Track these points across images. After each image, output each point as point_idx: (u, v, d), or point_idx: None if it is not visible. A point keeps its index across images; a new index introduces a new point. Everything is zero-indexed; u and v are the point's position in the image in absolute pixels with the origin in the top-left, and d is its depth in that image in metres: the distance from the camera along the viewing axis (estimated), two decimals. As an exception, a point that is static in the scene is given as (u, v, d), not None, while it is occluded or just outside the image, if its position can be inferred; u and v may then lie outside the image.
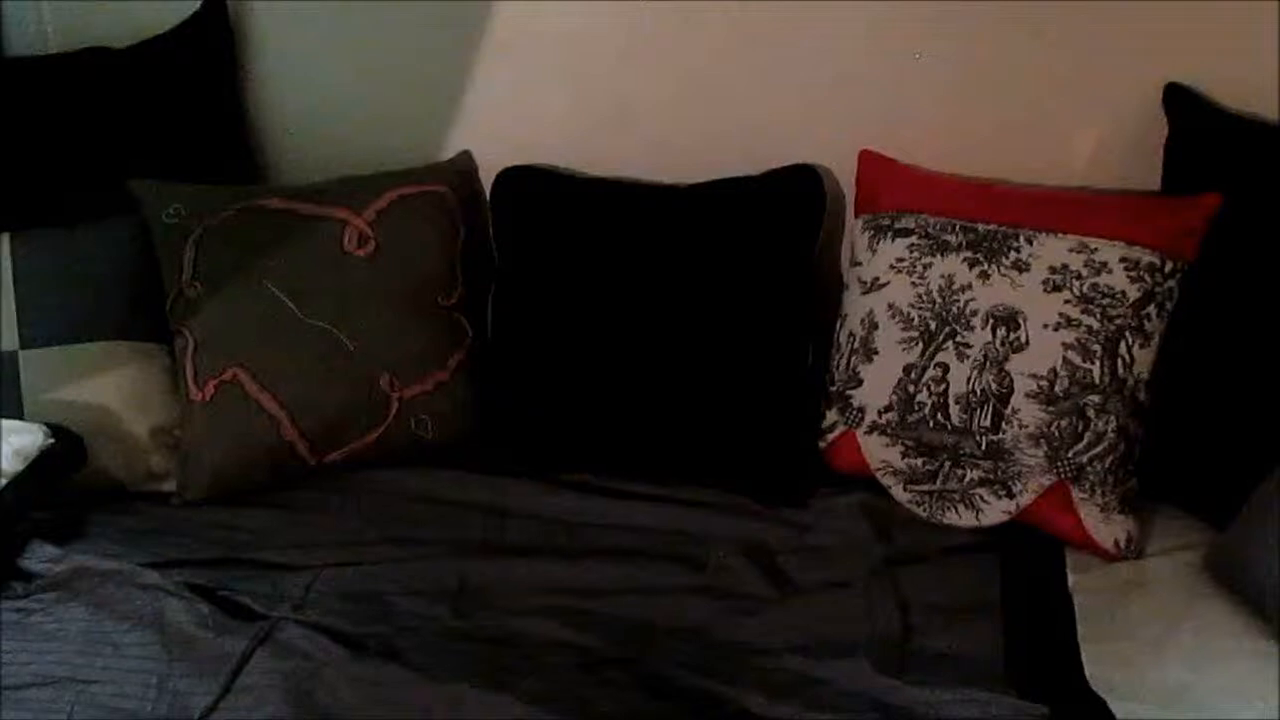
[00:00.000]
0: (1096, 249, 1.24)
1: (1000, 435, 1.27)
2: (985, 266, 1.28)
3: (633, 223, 1.46)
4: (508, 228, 1.52)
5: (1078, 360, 1.23)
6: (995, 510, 1.29)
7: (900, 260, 1.34)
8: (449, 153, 1.60)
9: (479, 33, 1.53)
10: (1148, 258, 1.23)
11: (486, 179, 1.55)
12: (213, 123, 1.59)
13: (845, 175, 1.48)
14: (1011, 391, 1.25)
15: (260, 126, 1.65)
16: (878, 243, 1.37)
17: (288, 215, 1.43)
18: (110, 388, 1.38)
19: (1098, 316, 1.22)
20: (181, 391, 1.39)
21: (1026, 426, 1.25)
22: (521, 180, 1.51)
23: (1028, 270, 1.26)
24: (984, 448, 1.28)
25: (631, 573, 1.26)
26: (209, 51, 1.58)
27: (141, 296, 1.42)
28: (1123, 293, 1.23)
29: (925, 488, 1.32)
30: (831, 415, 1.41)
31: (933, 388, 1.30)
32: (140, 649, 1.12)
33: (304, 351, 1.39)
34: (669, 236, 1.44)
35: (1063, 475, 1.25)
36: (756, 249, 1.42)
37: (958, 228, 1.32)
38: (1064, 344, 1.23)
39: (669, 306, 1.42)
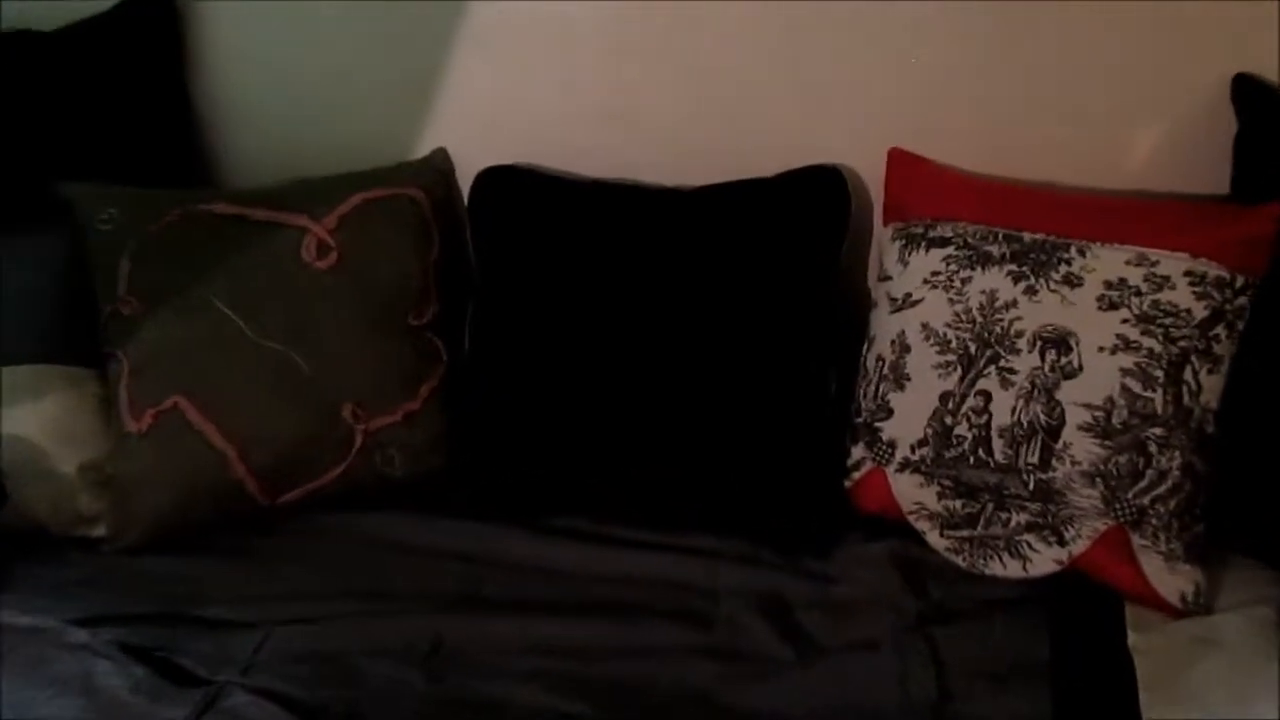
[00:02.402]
0: (1158, 262, 1.25)
1: (1050, 474, 1.27)
2: (1032, 281, 1.29)
3: (631, 230, 1.47)
4: (488, 236, 1.53)
5: (1137, 388, 1.24)
6: (1044, 559, 1.29)
7: (936, 274, 1.35)
8: (422, 151, 1.61)
9: (457, 16, 1.54)
10: (1215, 271, 1.24)
11: (464, 181, 1.55)
12: (154, 117, 1.60)
13: (872, 178, 1.48)
14: (1062, 424, 1.26)
15: (209, 121, 1.65)
16: (910, 254, 1.38)
17: (238, 222, 1.44)
18: (33, 418, 1.38)
19: (1160, 338, 1.23)
20: (115, 423, 1.39)
21: (1080, 464, 1.26)
22: (505, 181, 1.52)
23: (1080, 285, 1.27)
24: (1031, 488, 1.29)
25: (629, 631, 1.26)
26: (150, 35, 1.59)
27: (70, 314, 1.43)
28: (1188, 311, 1.23)
29: (965, 533, 1.33)
30: (858, 451, 1.41)
31: (973, 419, 1.31)
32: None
33: (256, 377, 1.39)
34: (672, 246, 1.45)
35: (1121, 519, 1.26)
36: (772, 261, 1.43)
37: (1001, 237, 1.33)
38: (1122, 369, 1.24)
39: (672, 327, 1.42)
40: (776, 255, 1.43)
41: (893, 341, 1.37)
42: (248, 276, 1.41)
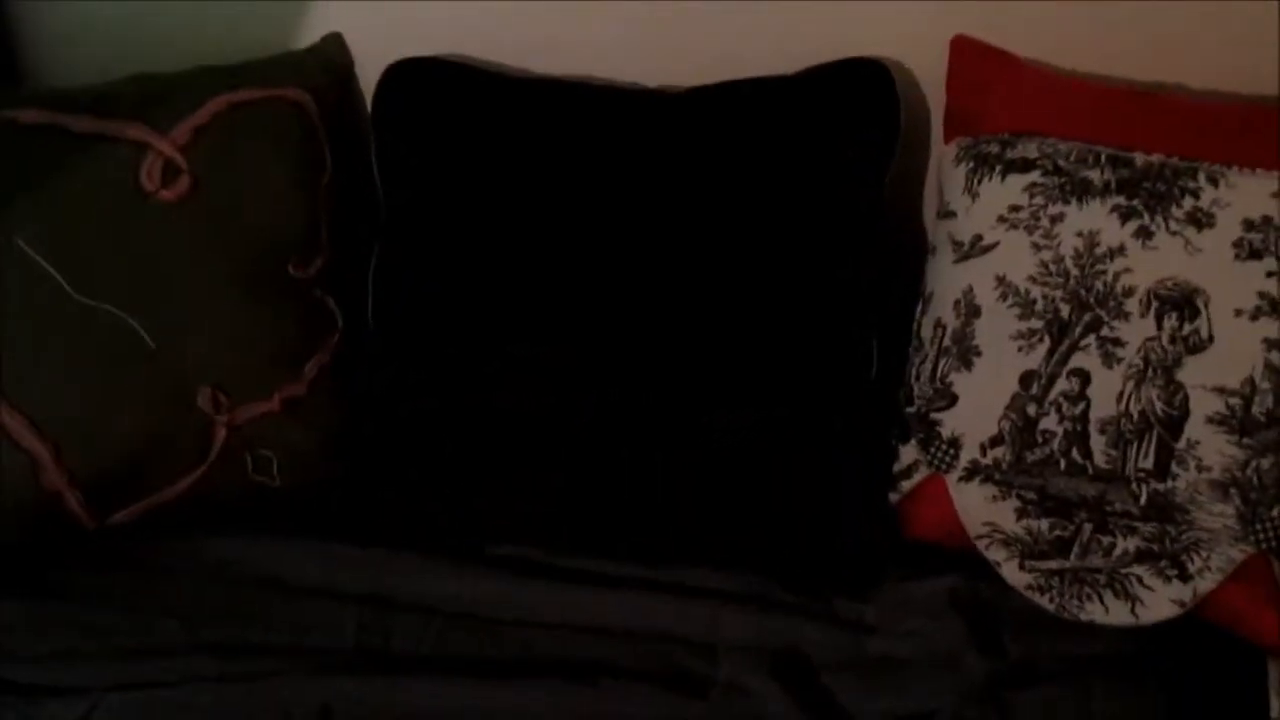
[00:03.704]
0: None
1: (1169, 483, 1.28)
2: (1146, 220, 1.29)
3: (597, 146, 1.47)
4: (400, 155, 1.52)
5: None
6: (1161, 600, 1.29)
7: (1016, 210, 1.34)
8: (309, 37, 1.61)
9: None
10: (1398, 207, 1.24)
11: (367, 79, 1.56)
12: None
13: (929, 78, 1.49)
14: (1186, 415, 1.27)
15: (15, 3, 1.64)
16: (980, 181, 1.37)
17: (52, 134, 1.43)
18: None
19: None
20: (-120, 414, 1.37)
21: (1209, 469, 1.26)
22: (422, 80, 1.51)
23: (1211, 226, 1.26)
24: (1144, 502, 1.29)
25: (593, 701, 1.26)
26: None
27: None
28: None
29: (1053, 565, 1.33)
30: (908, 452, 1.42)
31: (1065, 409, 1.31)
32: None
33: (78, 351, 1.39)
34: (655, 169, 1.44)
35: (1264, 545, 1.26)
36: (792, 189, 1.42)
37: (1104, 159, 1.33)
38: (1266, 340, 1.24)
39: (656, 281, 1.43)
40: (798, 181, 1.43)
41: (957, 302, 1.38)
42: (66, 212, 1.41)
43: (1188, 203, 1.27)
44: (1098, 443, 1.29)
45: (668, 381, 1.43)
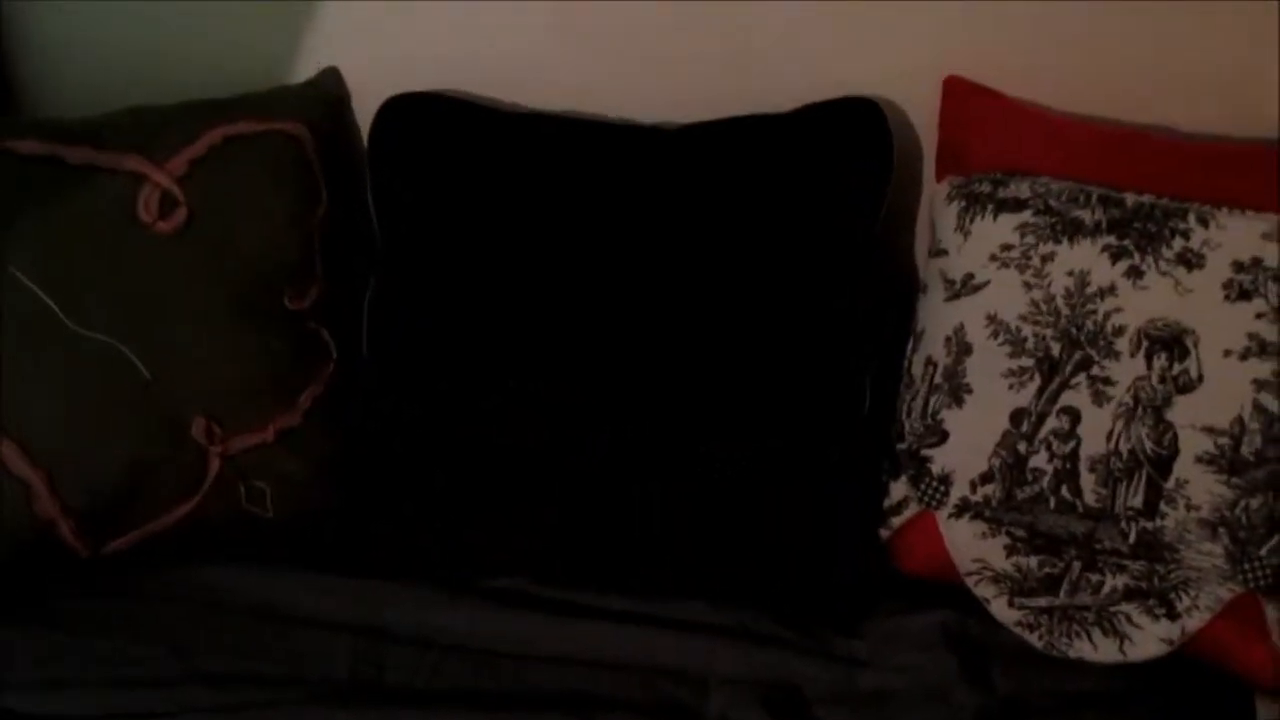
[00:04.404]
0: None
1: (1158, 522, 1.28)
2: (1136, 260, 1.29)
3: (591, 182, 1.47)
4: (395, 188, 1.51)
5: (1275, 407, 1.24)
6: (1149, 637, 1.29)
7: (1007, 248, 1.35)
8: (306, 72, 1.61)
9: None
10: (1384, 250, 1.24)
11: (363, 114, 1.56)
12: None
13: (922, 117, 1.50)
14: (1175, 454, 1.27)
15: (10, 26, 1.64)
16: (972, 220, 1.38)
17: (49, 165, 1.43)
18: None
19: None
20: (-125, 442, 1.37)
21: (1198, 508, 1.27)
22: (418, 115, 1.51)
23: (1201, 267, 1.27)
24: (1133, 540, 1.30)
25: None
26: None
27: None
28: None
29: (1042, 602, 1.33)
30: (899, 488, 1.42)
31: (1055, 446, 1.31)
32: None
33: (73, 380, 1.39)
34: (649, 205, 1.44)
35: (1252, 584, 1.26)
36: (784, 227, 1.43)
37: (1095, 199, 1.33)
38: (1255, 381, 1.25)
39: (648, 318, 1.43)
40: (793, 216, 1.43)
41: (948, 339, 1.38)
42: (63, 242, 1.41)
43: (1178, 243, 1.28)
44: (1087, 481, 1.30)
45: (661, 413, 1.42)
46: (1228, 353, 1.25)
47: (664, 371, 1.43)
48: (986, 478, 1.35)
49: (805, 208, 1.43)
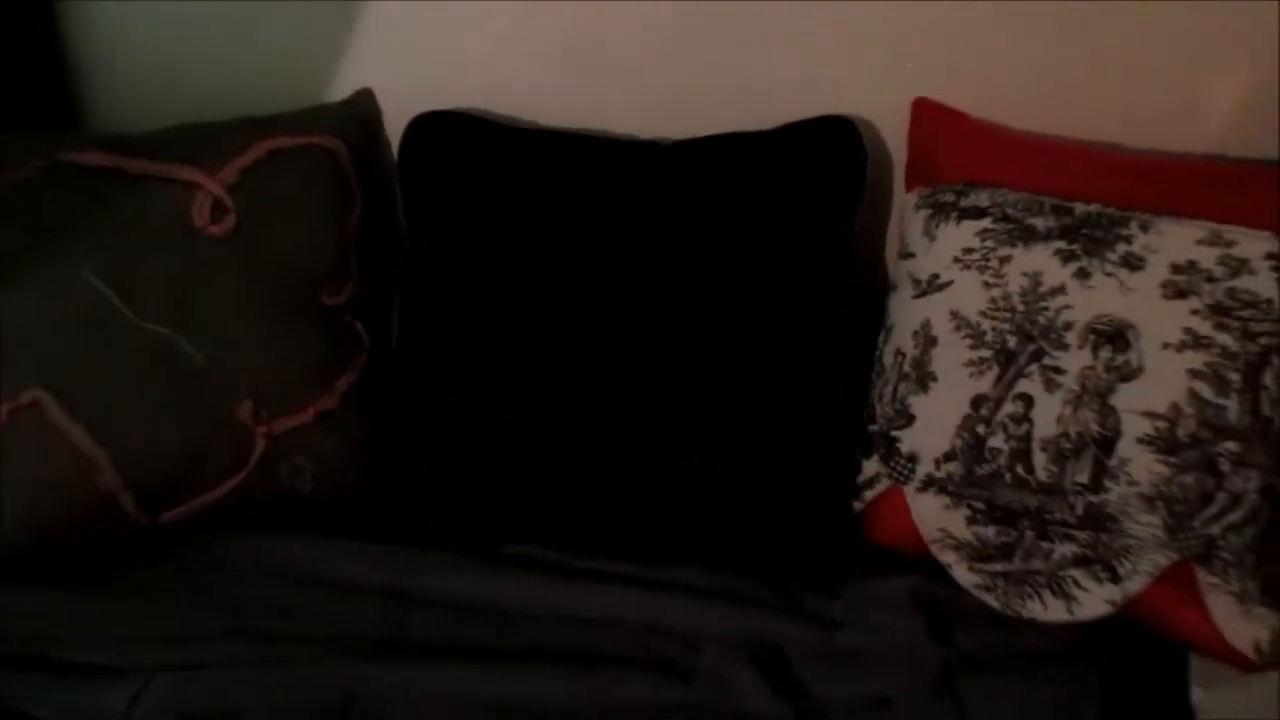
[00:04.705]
0: (1235, 241, 1.28)
1: (1102, 496, 1.31)
2: (1084, 262, 1.33)
3: (597, 191, 1.49)
4: (423, 196, 1.54)
5: (1208, 393, 1.27)
6: (1094, 599, 1.32)
7: (969, 251, 1.39)
8: (342, 92, 1.63)
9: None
10: (1305, 254, 1.26)
11: (393, 129, 1.58)
12: (10, 44, 1.61)
13: (893, 134, 1.52)
14: (1118, 435, 1.30)
15: (77, 49, 1.65)
16: (937, 227, 1.42)
17: (112, 175, 1.45)
18: None
19: (1236, 333, 1.27)
20: (-45, 422, 1.37)
21: (1138, 484, 1.29)
22: (443, 130, 1.53)
23: (1142, 268, 1.30)
24: (1080, 513, 1.32)
25: (589, 686, 1.28)
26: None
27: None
28: (1269, 301, 1.27)
29: (999, 567, 1.36)
30: (871, 466, 1.46)
31: (1011, 428, 1.35)
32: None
33: (133, 368, 1.40)
34: (647, 212, 1.47)
35: (1186, 552, 1.29)
36: (767, 232, 1.45)
37: (1047, 208, 1.37)
38: (1190, 370, 1.28)
39: (647, 312, 1.45)
40: (773, 225, 1.46)
41: (915, 333, 1.42)
42: (125, 244, 1.42)
43: (1121, 248, 1.31)
44: (1039, 459, 1.33)
45: (660, 407, 1.44)
46: (1166, 345, 1.28)
47: (666, 379, 1.44)
48: (949, 456, 1.38)
49: (785, 216, 1.45)
